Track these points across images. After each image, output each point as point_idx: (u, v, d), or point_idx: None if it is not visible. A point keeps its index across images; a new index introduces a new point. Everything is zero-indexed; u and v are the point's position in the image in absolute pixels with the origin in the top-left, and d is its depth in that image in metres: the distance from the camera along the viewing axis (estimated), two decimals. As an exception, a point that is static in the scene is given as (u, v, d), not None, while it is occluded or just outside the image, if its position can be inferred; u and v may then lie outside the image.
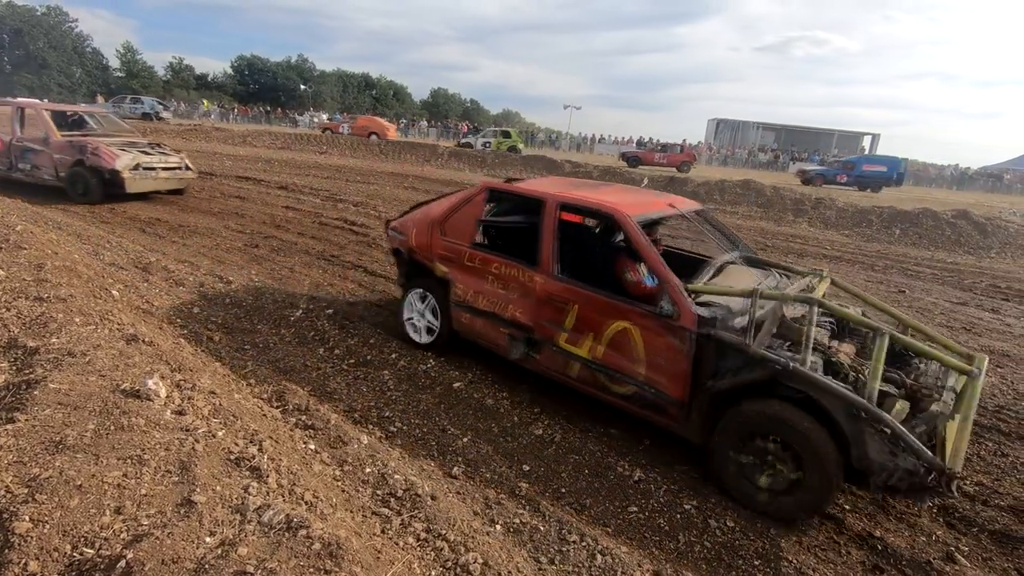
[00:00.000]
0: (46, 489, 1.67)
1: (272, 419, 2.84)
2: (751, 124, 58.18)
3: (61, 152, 8.40)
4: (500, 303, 3.64)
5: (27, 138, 8.69)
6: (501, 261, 3.64)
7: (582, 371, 3.28)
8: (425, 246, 4.10)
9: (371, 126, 32.17)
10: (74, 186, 8.40)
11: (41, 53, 51.79)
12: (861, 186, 24.23)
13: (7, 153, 8.83)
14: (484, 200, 3.92)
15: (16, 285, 3.43)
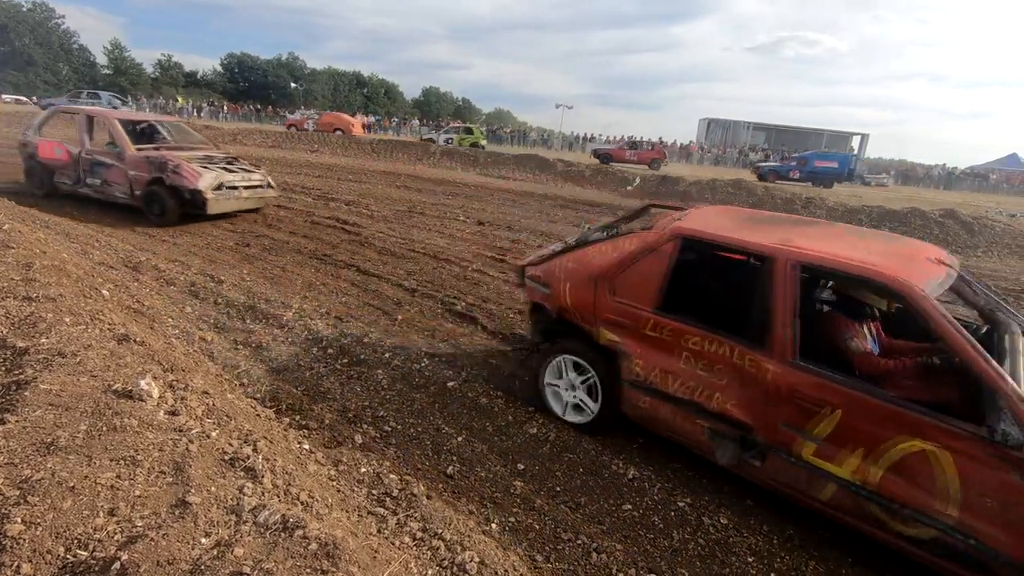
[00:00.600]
0: (38, 491, 1.65)
1: (266, 419, 2.83)
2: (742, 124, 58.51)
3: (137, 168, 7.51)
4: (701, 389, 2.78)
5: (98, 151, 7.89)
6: (704, 334, 2.75)
7: (840, 495, 2.42)
8: (585, 306, 3.22)
9: (336, 122, 31.87)
10: (150, 206, 7.53)
11: (27, 50, 51.15)
12: (814, 182, 24.49)
13: (75, 166, 8.02)
14: (675, 251, 2.93)
15: (4, 284, 3.39)
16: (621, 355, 3.07)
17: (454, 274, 6.40)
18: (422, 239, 8.09)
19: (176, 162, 7.39)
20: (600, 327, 3.15)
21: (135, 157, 7.58)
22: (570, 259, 3.41)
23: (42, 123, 8.85)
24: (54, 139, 8.21)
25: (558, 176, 20.39)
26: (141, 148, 7.82)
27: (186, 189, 7.28)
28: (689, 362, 2.81)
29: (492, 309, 5.32)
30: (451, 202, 12.35)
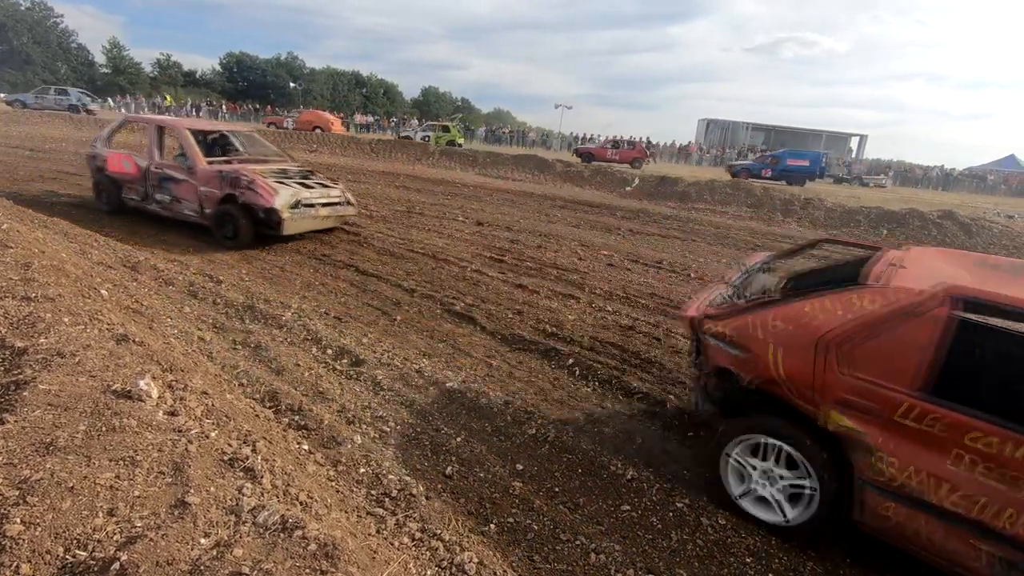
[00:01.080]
0: (37, 491, 1.65)
1: (265, 419, 2.83)
2: (741, 124, 58.56)
3: (208, 184, 6.77)
4: (988, 502, 2.12)
5: (168, 164, 7.24)
6: (1000, 432, 2.07)
7: None
8: (804, 379, 2.50)
9: (316, 120, 31.95)
10: (222, 227, 6.76)
11: (25, 48, 51.06)
12: (788, 180, 24.59)
13: (142, 181, 7.36)
14: (949, 317, 2.23)
15: (2, 284, 3.39)
16: (859, 447, 2.38)
17: (453, 274, 6.40)
18: (421, 239, 8.09)
19: (250, 177, 6.56)
20: (828, 408, 2.45)
21: (206, 171, 6.81)
22: (776, 316, 2.66)
23: (112, 133, 8.17)
24: (123, 151, 7.67)
25: (557, 176, 20.39)
26: (212, 161, 7.12)
27: (260, 208, 6.48)
28: (972, 466, 2.14)
29: (491, 309, 5.32)
30: (450, 202, 12.35)
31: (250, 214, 6.60)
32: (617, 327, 5.16)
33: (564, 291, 6.15)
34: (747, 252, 9.48)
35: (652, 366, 4.37)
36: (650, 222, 12.26)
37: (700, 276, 7.43)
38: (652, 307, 5.87)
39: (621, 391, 3.92)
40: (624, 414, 3.62)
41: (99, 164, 7.73)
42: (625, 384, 4.00)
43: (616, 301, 5.99)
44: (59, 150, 15.65)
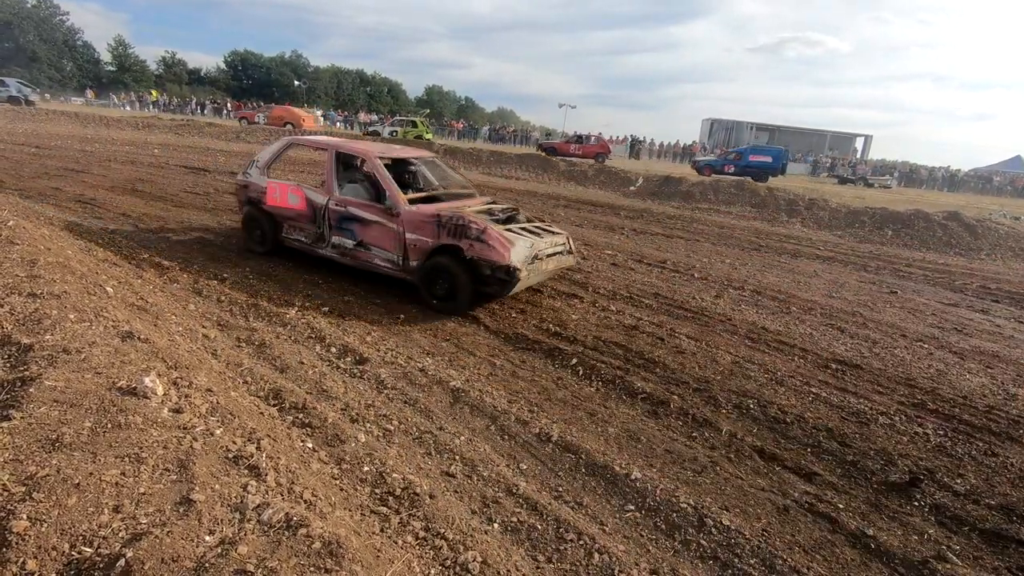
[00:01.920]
0: (43, 487, 1.66)
1: (269, 417, 2.83)
2: (745, 124, 58.33)
3: (418, 230, 5.17)
4: None
5: (355, 202, 5.59)
6: None
7: None
8: None
9: (286, 116, 31.85)
10: (432, 285, 5.18)
11: (31, 46, 51.27)
12: (753, 176, 24.34)
13: (315, 220, 5.81)
14: None
15: (9, 281, 3.40)
16: None
17: (457, 273, 6.40)
18: (425, 238, 8.08)
19: (480, 226, 4.98)
20: None
21: (416, 215, 5.19)
22: None
23: (272, 159, 6.45)
24: (289, 182, 6.22)
25: (561, 176, 20.38)
26: (415, 200, 5.55)
27: (494, 264, 4.87)
28: None
29: (494, 308, 5.32)
30: (454, 201, 12.34)
31: (473, 270, 4.98)
32: (621, 327, 5.16)
33: (567, 290, 6.15)
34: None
35: (656, 366, 4.36)
36: (654, 222, 12.24)
37: (704, 276, 7.41)
38: (656, 307, 5.86)
39: (625, 391, 3.92)
40: (628, 413, 3.61)
41: (254, 196, 6.31)
42: (628, 384, 3.99)
43: (620, 300, 5.98)
44: (64, 147, 15.71)
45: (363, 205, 5.55)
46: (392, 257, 5.38)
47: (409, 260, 5.26)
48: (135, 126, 25.42)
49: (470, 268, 4.95)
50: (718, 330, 5.34)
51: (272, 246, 6.31)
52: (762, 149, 26.86)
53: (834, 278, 8.24)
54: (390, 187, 5.38)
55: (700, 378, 4.23)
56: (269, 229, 6.26)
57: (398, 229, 5.24)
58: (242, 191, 6.52)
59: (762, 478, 3.09)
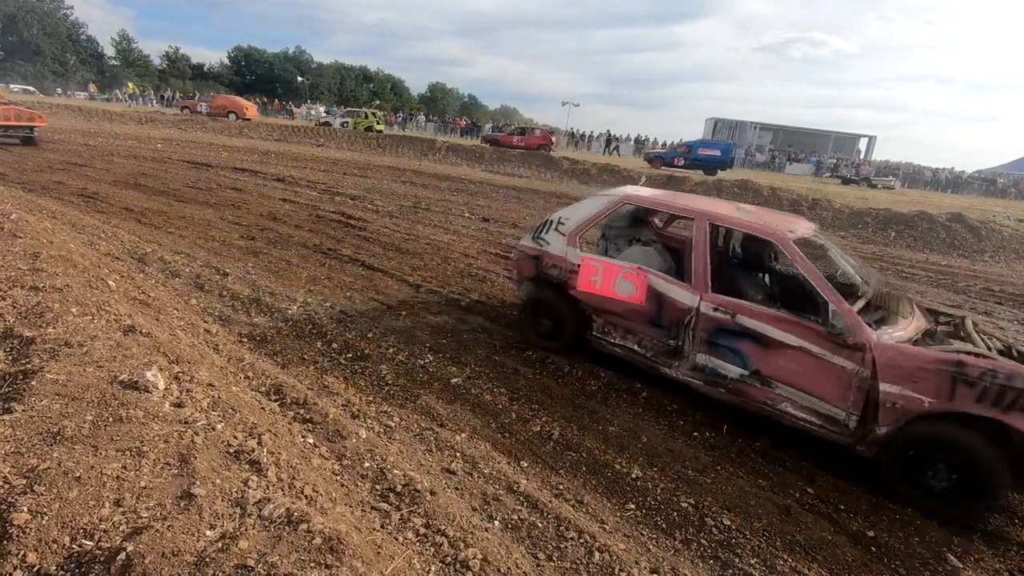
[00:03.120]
0: (44, 480, 1.65)
1: (271, 412, 2.83)
2: (748, 124, 58.24)
3: (902, 380, 3.00)
4: None
5: (758, 311, 3.47)
6: None
7: None
8: None
9: (229, 105, 32.18)
10: (917, 470, 2.99)
11: (35, 40, 51.31)
12: (705, 170, 25.26)
13: (666, 322, 3.81)
14: None
15: (11, 274, 3.40)
16: None
17: (459, 270, 6.40)
18: (427, 235, 8.09)
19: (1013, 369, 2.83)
20: None
21: (901, 355, 3.05)
22: None
23: (589, 223, 4.29)
24: (623, 262, 4.08)
25: (564, 173, 20.35)
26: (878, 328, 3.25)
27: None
28: None
29: (496, 306, 5.31)
30: (456, 198, 12.34)
31: None
32: (623, 325, 5.14)
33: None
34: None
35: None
36: (656, 221, 12.21)
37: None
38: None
39: (626, 390, 3.91)
40: (630, 413, 3.61)
41: (552, 273, 4.30)
42: (630, 383, 3.98)
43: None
44: (67, 141, 15.71)
45: (778, 319, 3.39)
46: (830, 411, 3.23)
47: (870, 424, 3.11)
48: (138, 121, 25.42)
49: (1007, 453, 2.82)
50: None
51: (568, 342, 4.32)
52: (711, 143, 27.91)
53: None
54: (825, 291, 3.26)
55: (702, 377, 4.22)
56: (571, 321, 4.26)
57: (855, 369, 3.13)
58: (527, 262, 4.53)
59: (763, 479, 3.08)
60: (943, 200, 25.89)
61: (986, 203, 25.75)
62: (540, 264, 4.42)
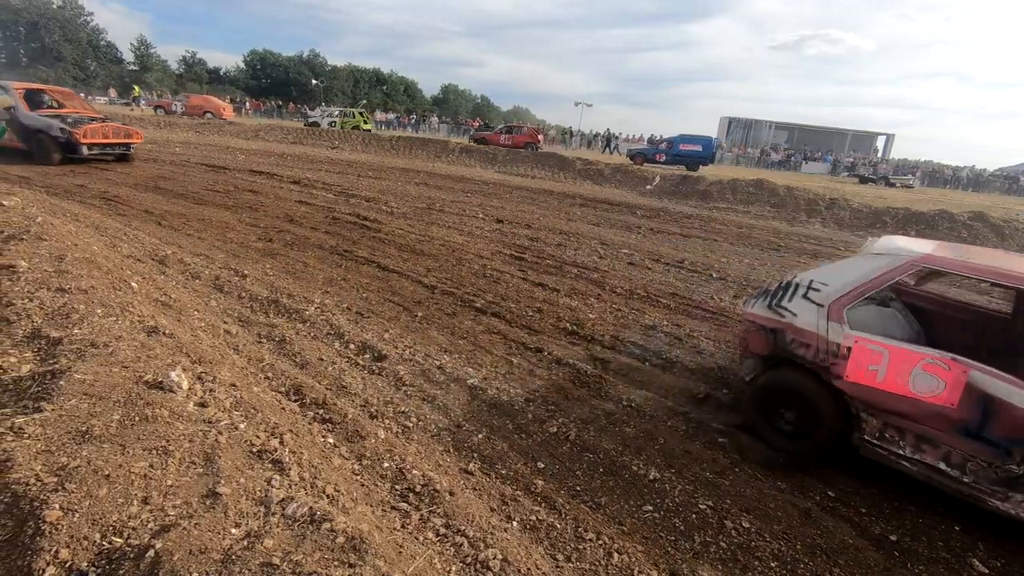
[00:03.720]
0: (75, 478, 1.69)
1: (291, 413, 2.86)
2: (764, 123, 57.69)
3: None
4: None
5: None
6: None
7: None
8: None
9: (206, 105, 32.52)
10: None
11: (57, 46, 52.36)
12: (688, 166, 25.27)
13: (985, 435, 2.68)
14: None
15: (38, 276, 3.47)
16: None
17: (473, 271, 6.42)
18: (441, 236, 8.12)
19: None
20: None
21: None
22: None
23: (856, 292, 3.15)
24: (918, 348, 2.98)
25: (577, 174, 20.31)
26: None
27: None
28: None
29: (511, 307, 5.32)
30: (470, 200, 12.37)
31: None
32: (638, 326, 5.13)
33: (584, 289, 6.13)
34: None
35: (674, 366, 4.33)
36: (671, 221, 12.15)
37: (722, 276, 7.34)
38: (674, 307, 5.81)
39: (642, 391, 3.89)
40: (647, 414, 3.59)
41: (800, 352, 3.25)
42: (647, 384, 3.96)
43: (637, 300, 5.95)
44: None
45: None
46: None
47: None
48: (157, 125, 25.80)
49: None
50: (738, 331, 5.28)
51: (827, 448, 3.22)
52: (692, 138, 27.55)
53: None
54: None
55: (719, 379, 4.20)
56: (830, 419, 3.16)
57: None
58: (759, 336, 3.47)
59: (781, 481, 3.05)
60: (964, 199, 25.42)
61: (1008, 201, 25.24)
62: (780, 340, 3.33)
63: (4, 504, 1.60)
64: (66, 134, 10.92)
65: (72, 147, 11.02)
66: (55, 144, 11.01)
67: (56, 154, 11.07)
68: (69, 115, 11.71)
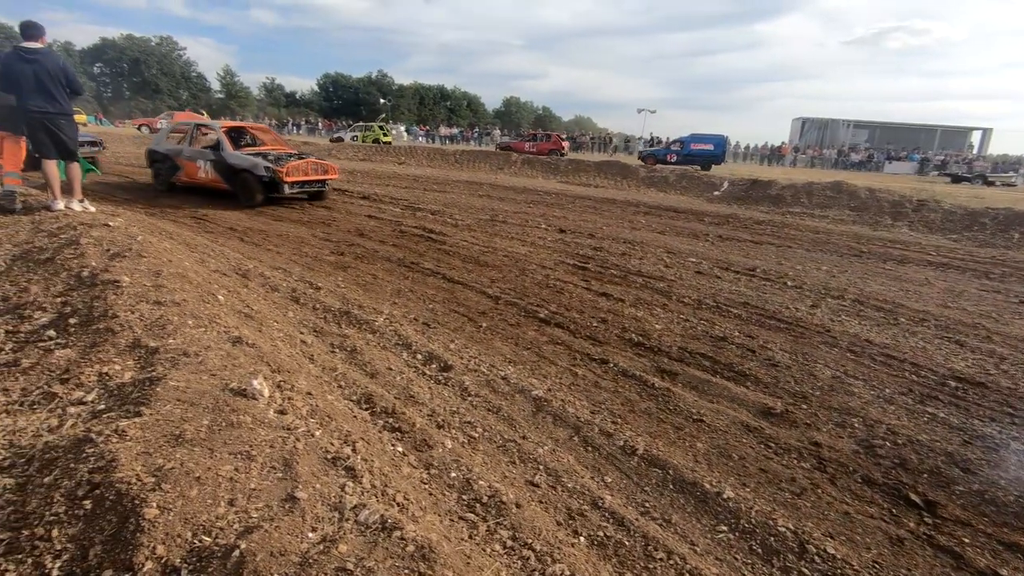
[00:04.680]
0: (170, 479, 1.81)
1: (362, 421, 2.96)
2: (840, 122, 54.68)
3: None
4: None
5: None
6: None
7: None
8: None
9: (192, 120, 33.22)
10: None
11: (155, 79, 57.43)
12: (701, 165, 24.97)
13: None
14: None
15: (138, 290, 3.78)
16: None
17: (536, 281, 6.42)
18: (504, 247, 8.19)
19: None
20: None
21: None
22: None
23: None
24: None
25: (640, 182, 19.99)
26: None
27: None
28: None
29: (575, 317, 5.28)
30: (532, 210, 12.42)
31: None
32: (708, 337, 4.95)
33: (650, 299, 5.99)
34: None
35: (747, 379, 4.15)
36: (741, 228, 11.70)
37: (798, 284, 6.98)
38: (745, 317, 5.58)
39: (714, 405, 3.75)
40: (718, 429, 3.45)
41: None
42: (718, 397, 3.82)
43: (706, 310, 5.75)
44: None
45: None
46: None
47: None
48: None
49: None
50: (815, 342, 5.00)
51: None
52: (703, 138, 27.89)
53: (950, 286, 7.49)
54: None
55: (796, 393, 3.98)
56: None
57: None
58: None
59: (870, 505, 2.84)
60: (1077, 196, 23.00)
61: None
62: None
63: (109, 501, 1.73)
64: (271, 172, 10.20)
65: (276, 186, 10.35)
66: (259, 183, 10.35)
67: (259, 194, 10.47)
68: (270, 152, 11.13)
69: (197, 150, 11.26)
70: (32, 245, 4.63)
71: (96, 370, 2.63)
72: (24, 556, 1.62)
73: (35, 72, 5.51)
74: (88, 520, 1.70)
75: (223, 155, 10.67)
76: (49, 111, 5.70)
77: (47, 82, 5.57)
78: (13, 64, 5.51)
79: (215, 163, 10.77)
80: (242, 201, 10.60)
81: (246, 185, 10.47)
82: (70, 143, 6.04)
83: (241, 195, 10.65)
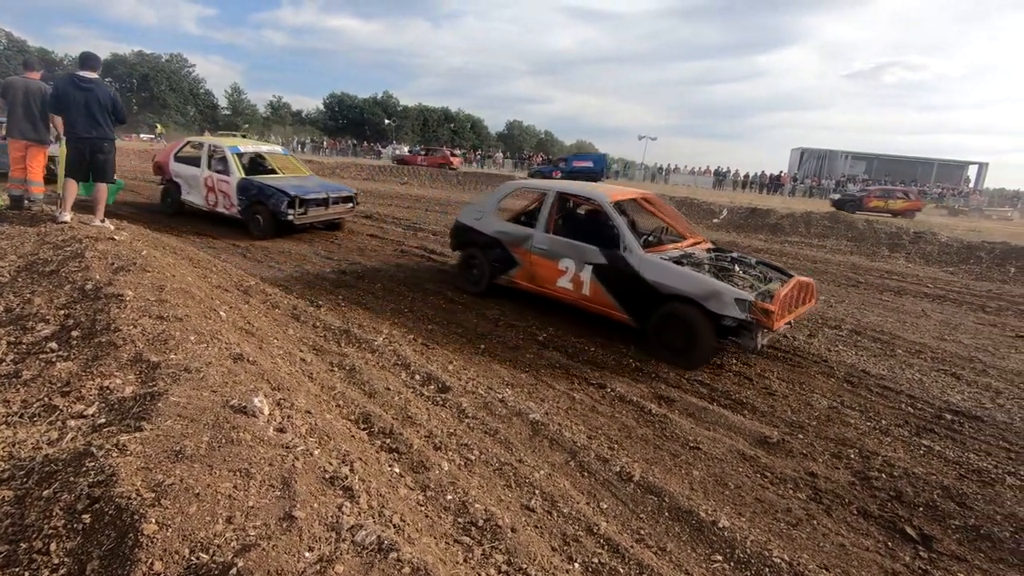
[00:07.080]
0: (169, 495, 1.82)
1: (360, 441, 2.97)
2: (839, 153, 55.38)
3: None
4: None
5: None
6: None
7: None
8: None
9: None
10: None
11: (163, 95, 58.22)
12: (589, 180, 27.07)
13: None
14: None
15: (142, 304, 3.81)
16: None
17: (535, 304, 6.46)
18: (505, 269, 8.24)
19: None
20: None
21: None
22: None
23: None
24: None
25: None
26: None
27: None
28: None
29: (573, 341, 5.30)
30: (533, 233, 12.51)
31: None
32: (705, 364, 4.97)
33: (649, 325, 6.02)
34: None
35: (743, 407, 4.16)
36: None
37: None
38: (743, 345, 5.60)
39: (710, 432, 3.76)
40: (715, 457, 3.46)
41: None
42: (715, 425, 3.82)
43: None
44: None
45: None
46: None
47: None
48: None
49: None
50: (812, 372, 5.02)
51: None
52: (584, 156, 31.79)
53: (946, 319, 7.54)
54: None
55: (793, 422, 3.99)
56: None
57: None
58: None
59: (866, 538, 2.84)
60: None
61: None
62: None
63: (108, 516, 1.74)
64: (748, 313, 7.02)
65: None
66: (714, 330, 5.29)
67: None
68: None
69: (564, 241, 5.93)
70: (37, 257, 4.67)
71: (97, 384, 2.65)
72: (22, 570, 1.63)
73: (86, 100, 5.79)
74: (87, 534, 1.71)
75: (628, 259, 5.34)
76: (94, 136, 5.97)
77: (95, 110, 5.87)
78: (67, 90, 5.79)
79: (608, 271, 5.46)
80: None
81: (694, 331, 4.91)
82: (108, 167, 6.29)
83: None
